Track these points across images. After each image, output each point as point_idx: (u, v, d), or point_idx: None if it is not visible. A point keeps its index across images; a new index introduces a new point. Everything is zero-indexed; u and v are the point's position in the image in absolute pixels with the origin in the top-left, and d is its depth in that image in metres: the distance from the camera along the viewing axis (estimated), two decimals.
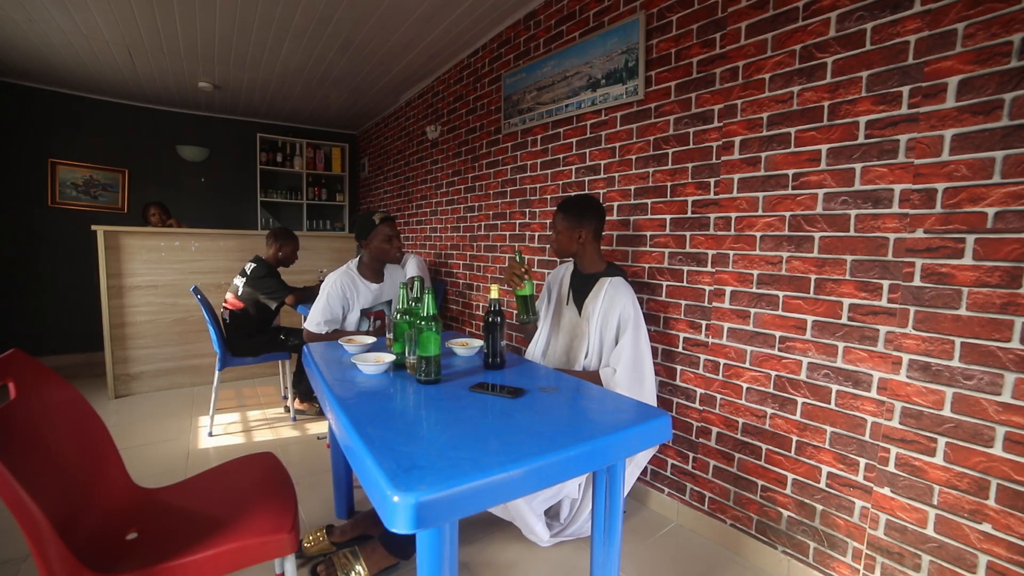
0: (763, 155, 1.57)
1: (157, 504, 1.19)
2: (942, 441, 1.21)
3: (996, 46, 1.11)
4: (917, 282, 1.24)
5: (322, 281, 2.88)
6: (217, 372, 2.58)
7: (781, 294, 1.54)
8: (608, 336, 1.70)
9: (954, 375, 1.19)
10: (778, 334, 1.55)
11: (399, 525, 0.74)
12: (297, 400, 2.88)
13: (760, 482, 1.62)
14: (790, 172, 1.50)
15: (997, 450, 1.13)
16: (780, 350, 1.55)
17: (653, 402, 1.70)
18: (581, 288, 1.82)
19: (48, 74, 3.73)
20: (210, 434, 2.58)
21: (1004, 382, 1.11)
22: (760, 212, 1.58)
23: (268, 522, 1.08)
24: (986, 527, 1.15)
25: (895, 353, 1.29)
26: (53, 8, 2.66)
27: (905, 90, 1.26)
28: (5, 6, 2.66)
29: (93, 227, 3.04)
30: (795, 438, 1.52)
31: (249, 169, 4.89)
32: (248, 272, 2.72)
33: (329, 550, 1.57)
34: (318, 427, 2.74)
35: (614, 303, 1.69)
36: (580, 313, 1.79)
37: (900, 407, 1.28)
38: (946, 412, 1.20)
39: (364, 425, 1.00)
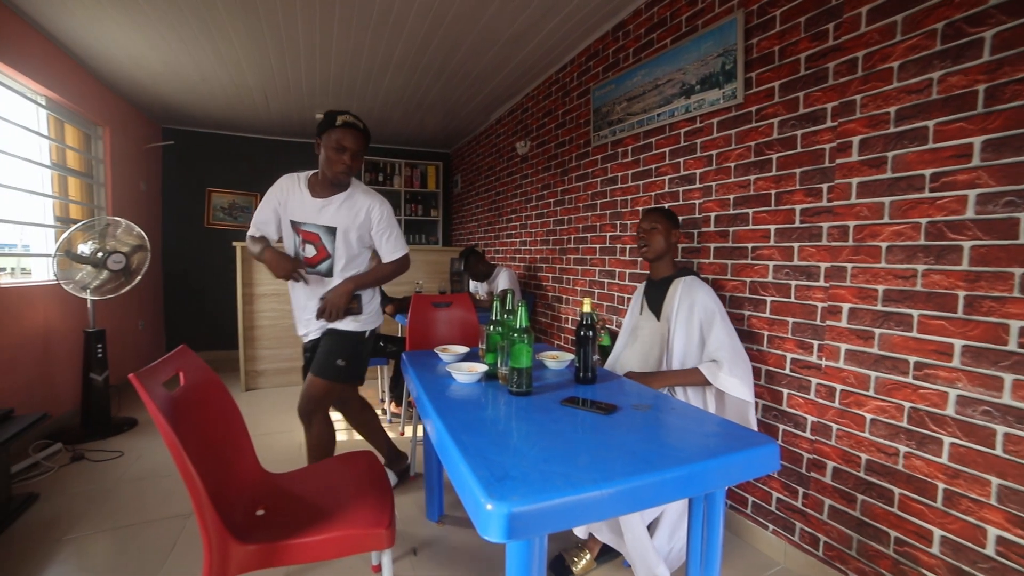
0: (889, 155, 1.39)
1: (278, 487, 1.34)
2: None
3: None
4: None
5: (419, 291, 3.08)
6: None
7: (916, 312, 1.34)
8: (693, 333, 1.67)
9: None
10: (912, 359, 1.35)
11: (491, 533, 0.76)
12: (393, 403, 3.07)
13: (894, 533, 1.39)
14: (927, 172, 1.31)
15: None
16: (915, 378, 1.34)
17: (752, 390, 1.61)
18: (655, 295, 1.82)
19: (207, 118, 4.54)
20: None
21: None
22: (886, 219, 1.40)
23: (368, 516, 1.16)
24: None
25: None
26: (219, 67, 3.22)
27: None
28: (182, 71, 3.27)
29: (234, 243, 3.58)
30: (942, 485, 1.29)
31: None
32: None
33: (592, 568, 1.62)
34: (410, 429, 2.90)
35: (693, 299, 1.67)
36: (659, 318, 1.77)
37: None
38: None
39: (458, 432, 1.04)
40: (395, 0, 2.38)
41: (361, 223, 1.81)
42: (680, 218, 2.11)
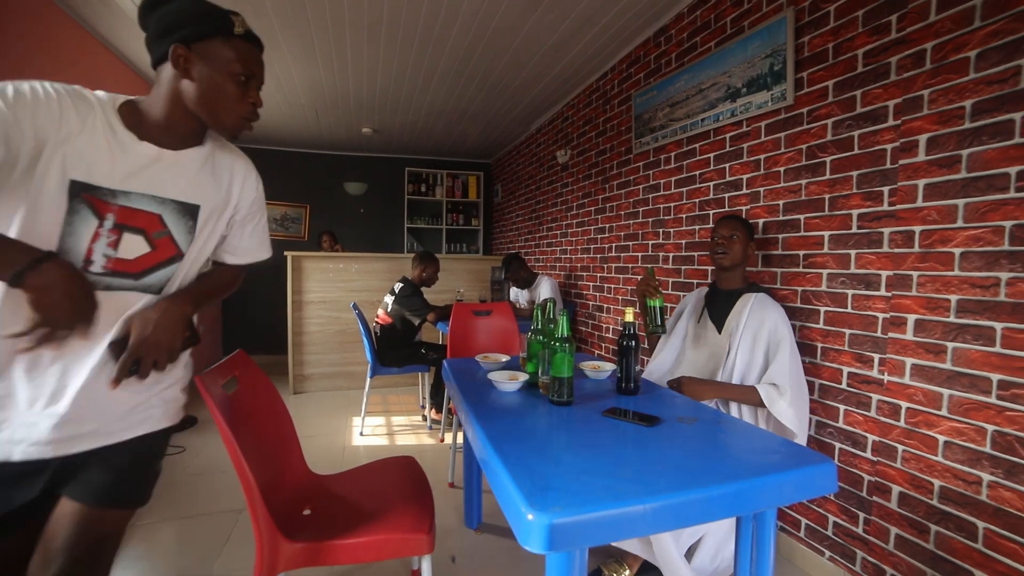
0: (964, 152, 1.29)
1: (324, 488, 1.38)
2: None
3: None
4: None
5: (460, 299, 3.13)
6: (368, 379, 2.93)
7: (999, 326, 1.22)
8: (757, 353, 1.60)
9: None
10: (995, 377, 1.23)
11: (532, 544, 0.75)
12: (434, 410, 3.12)
13: (979, 573, 1.26)
14: (1012, 170, 1.20)
15: None
16: (999, 398, 1.22)
17: (807, 426, 1.56)
18: (721, 306, 1.74)
19: (263, 136, 4.84)
20: (361, 433, 2.92)
21: None
22: (960, 223, 1.30)
23: (410, 521, 1.17)
24: None
25: None
26: (274, 88, 3.43)
27: None
28: None
29: (285, 253, 3.75)
30: None
31: (398, 199, 5.59)
32: (396, 291, 3.06)
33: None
34: (450, 436, 2.93)
35: (764, 319, 1.60)
36: (721, 331, 1.70)
37: None
38: None
39: (500, 441, 1.04)
40: (439, 16, 2.45)
41: (229, 201, 1.00)
42: None
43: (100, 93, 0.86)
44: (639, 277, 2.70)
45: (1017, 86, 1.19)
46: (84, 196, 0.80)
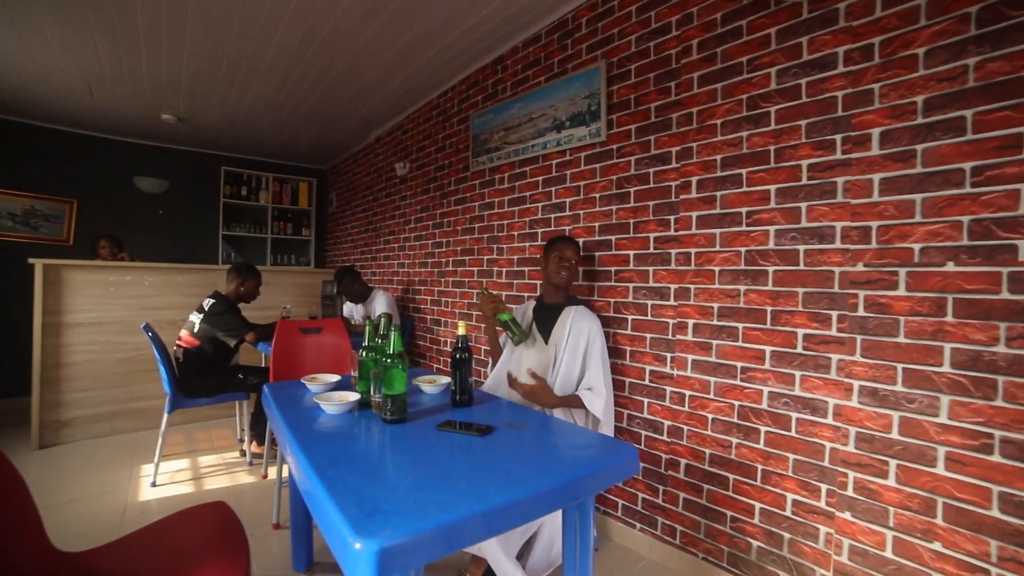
0: (718, 194, 1.66)
1: (80, 570, 1.07)
2: (893, 463, 1.26)
3: (906, 104, 1.24)
4: (861, 312, 1.32)
5: (286, 317, 2.80)
6: (166, 415, 2.41)
7: (741, 326, 1.60)
8: (576, 360, 1.79)
9: (898, 399, 1.25)
10: (740, 364, 1.60)
11: (361, 574, 0.70)
12: (254, 443, 2.72)
13: (729, 513, 1.63)
14: (743, 210, 1.59)
15: (940, 469, 1.19)
16: (742, 380, 1.59)
17: (613, 419, 1.82)
18: (547, 318, 1.90)
19: None
20: (153, 484, 2.38)
21: (940, 404, 1.19)
22: (718, 247, 1.66)
23: None
24: (936, 545, 1.19)
25: (847, 380, 1.35)
26: (11, 36, 2.59)
27: (838, 138, 1.37)
28: None
29: (30, 260, 2.85)
30: (760, 467, 1.54)
31: (212, 202, 4.77)
32: (206, 308, 2.61)
33: None
34: (274, 471, 2.59)
35: (581, 330, 1.80)
36: (547, 341, 1.85)
37: (854, 432, 1.33)
38: (894, 435, 1.26)
39: (326, 468, 0.96)
40: (265, 1, 2.21)
41: None
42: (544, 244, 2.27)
43: None
44: (479, 301, 2.79)
45: (742, 151, 1.60)
46: None
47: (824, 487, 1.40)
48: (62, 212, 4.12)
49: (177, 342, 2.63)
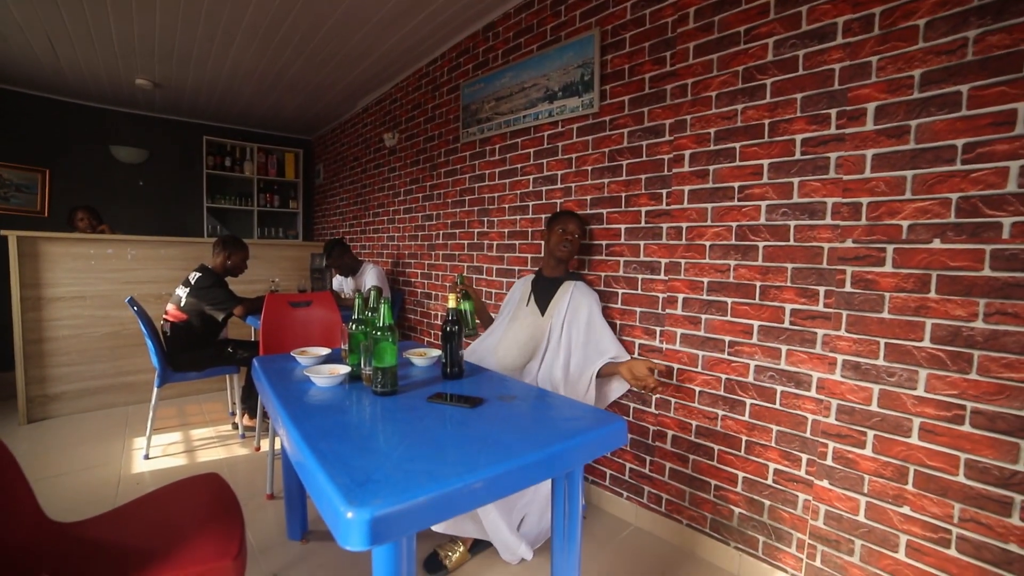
0: (711, 168, 1.65)
1: (75, 539, 1.08)
2: (871, 434, 1.30)
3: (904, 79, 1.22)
4: (848, 288, 1.34)
5: (274, 290, 2.77)
6: (156, 389, 2.41)
7: (729, 300, 1.61)
8: (576, 333, 1.82)
9: (879, 373, 1.29)
10: (727, 339, 1.62)
11: (353, 542, 0.72)
12: (246, 416, 2.73)
13: (713, 482, 1.68)
14: (736, 185, 1.58)
15: (914, 439, 1.23)
16: (729, 354, 1.62)
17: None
18: (545, 291, 1.93)
19: None
20: (146, 456, 2.40)
21: (918, 378, 1.22)
22: (709, 222, 1.66)
23: (210, 549, 1.01)
24: (905, 509, 1.25)
25: (831, 354, 1.38)
26: None
27: (833, 112, 1.36)
28: None
29: (3, 232, 2.76)
30: (744, 438, 1.59)
31: (195, 173, 4.63)
32: (192, 282, 2.57)
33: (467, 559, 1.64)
34: (267, 443, 2.61)
35: (580, 305, 1.84)
36: (544, 314, 1.88)
37: (836, 404, 1.37)
38: (873, 407, 1.30)
39: (317, 440, 0.96)
40: None
41: None
42: (546, 217, 2.25)
43: None
44: (463, 271, 2.78)
45: (736, 124, 1.57)
46: None
47: (805, 457, 1.44)
48: (34, 182, 3.94)
49: (164, 316, 2.60)
